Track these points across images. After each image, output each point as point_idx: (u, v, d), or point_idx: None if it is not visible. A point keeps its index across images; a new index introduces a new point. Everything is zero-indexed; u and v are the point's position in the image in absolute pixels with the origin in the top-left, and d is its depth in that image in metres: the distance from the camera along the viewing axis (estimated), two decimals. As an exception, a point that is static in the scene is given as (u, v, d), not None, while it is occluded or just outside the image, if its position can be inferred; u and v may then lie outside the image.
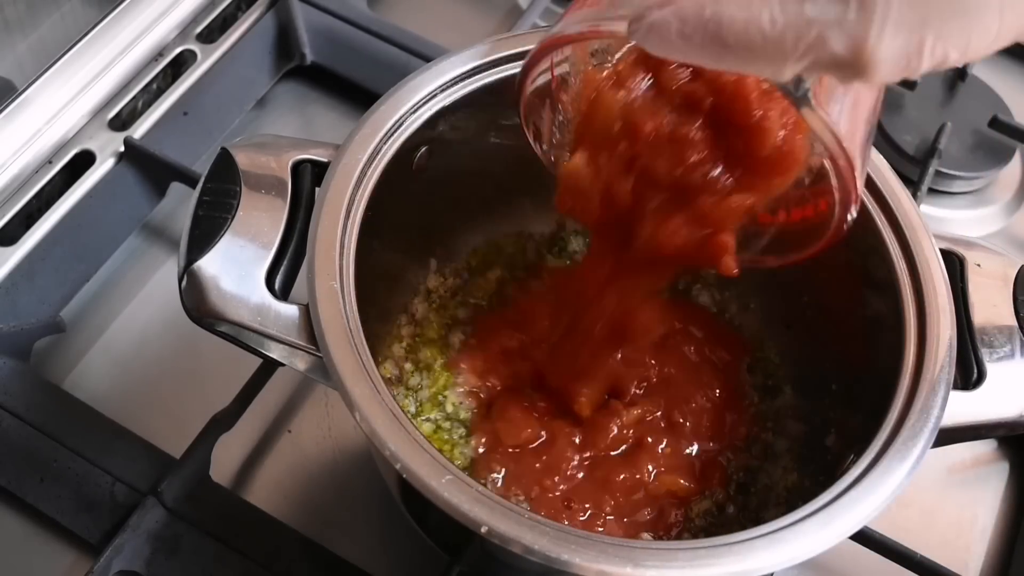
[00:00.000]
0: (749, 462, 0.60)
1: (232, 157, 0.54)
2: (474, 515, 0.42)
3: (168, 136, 0.76)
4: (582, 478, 0.57)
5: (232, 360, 0.61)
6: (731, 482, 0.59)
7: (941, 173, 0.80)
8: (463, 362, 0.62)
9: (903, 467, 0.46)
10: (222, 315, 0.49)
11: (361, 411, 0.45)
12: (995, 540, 0.67)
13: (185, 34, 0.82)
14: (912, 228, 0.53)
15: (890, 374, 0.50)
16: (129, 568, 0.58)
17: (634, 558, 0.42)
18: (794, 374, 0.63)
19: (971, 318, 0.53)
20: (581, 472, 0.58)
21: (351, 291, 0.49)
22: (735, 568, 0.43)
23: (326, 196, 0.52)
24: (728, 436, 0.61)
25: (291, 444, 0.66)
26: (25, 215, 0.72)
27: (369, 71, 0.81)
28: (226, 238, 0.51)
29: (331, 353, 0.47)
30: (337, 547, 0.60)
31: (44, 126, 0.74)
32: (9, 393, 0.64)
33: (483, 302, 0.66)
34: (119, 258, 0.74)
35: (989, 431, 0.51)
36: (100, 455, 0.61)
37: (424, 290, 0.66)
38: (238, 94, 0.81)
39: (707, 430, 0.60)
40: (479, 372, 0.62)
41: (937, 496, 0.68)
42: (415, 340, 0.64)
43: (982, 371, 0.52)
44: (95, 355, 0.70)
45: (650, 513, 0.57)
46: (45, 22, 0.83)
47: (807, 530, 0.44)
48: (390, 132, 0.54)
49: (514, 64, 0.57)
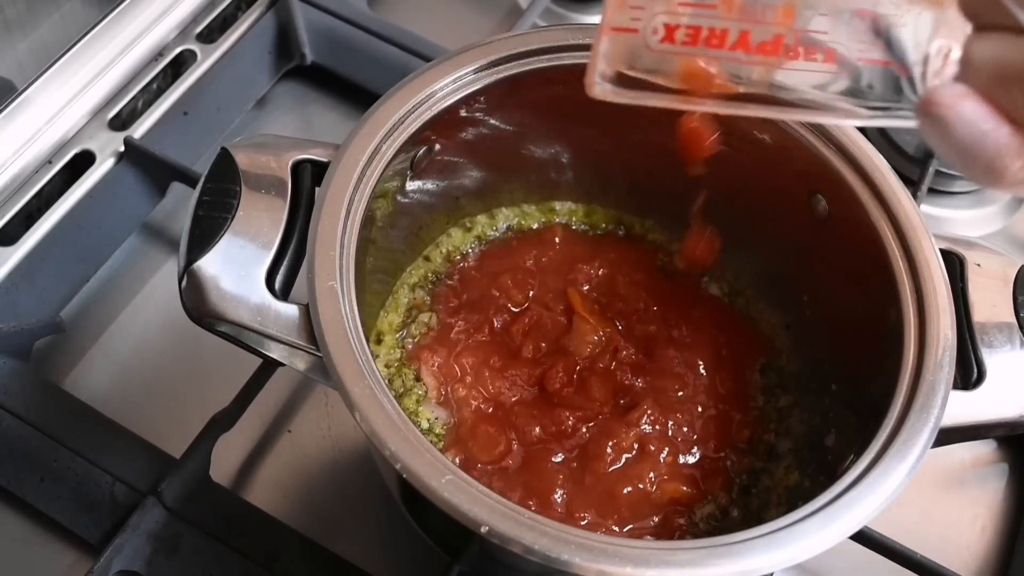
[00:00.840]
0: (752, 464, 0.60)
1: (232, 157, 0.54)
2: (474, 515, 0.42)
3: (168, 136, 0.76)
4: (582, 487, 0.57)
5: (232, 360, 0.61)
6: (734, 486, 0.59)
7: (941, 173, 0.80)
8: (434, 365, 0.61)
9: (903, 467, 0.46)
10: (222, 315, 0.49)
11: (361, 411, 0.45)
12: (995, 540, 0.67)
13: (185, 34, 0.81)
14: (912, 228, 0.53)
15: (890, 374, 0.50)
16: (129, 568, 0.58)
17: (634, 558, 0.42)
18: (795, 374, 0.63)
19: (971, 318, 0.53)
20: (575, 484, 0.57)
21: (351, 291, 0.49)
22: (735, 568, 0.43)
23: (326, 196, 0.51)
24: (733, 439, 0.60)
25: (291, 444, 0.66)
26: (25, 215, 0.72)
27: (369, 71, 0.81)
28: (226, 238, 0.51)
29: (331, 353, 0.47)
30: (337, 547, 0.60)
31: (44, 126, 0.74)
32: (9, 393, 0.64)
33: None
34: (119, 258, 0.74)
35: (989, 431, 0.52)
36: (100, 455, 0.61)
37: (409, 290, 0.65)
38: (238, 94, 0.81)
39: (712, 435, 0.60)
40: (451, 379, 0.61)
41: (937, 496, 0.68)
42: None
43: (982, 371, 0.52)
44: (95, 355, 0.70)
45: (654, 521, 0.57)
46: (45, 22, 0.83)
47: (807, 530, 0.44)
48: (390, 132, 0.54)
49: (514, 64, 0.57)
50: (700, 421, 0.60)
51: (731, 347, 0.63)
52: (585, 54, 0.58)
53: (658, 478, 0.57)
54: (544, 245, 0.67)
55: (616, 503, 0.56)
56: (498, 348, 0.61)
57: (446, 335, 0.62)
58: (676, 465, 0.58)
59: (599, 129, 0.63)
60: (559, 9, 0.90)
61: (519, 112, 0.61)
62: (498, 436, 0.58)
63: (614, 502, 0.56)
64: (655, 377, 0.61)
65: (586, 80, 0.44)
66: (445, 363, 0.61)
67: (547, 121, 0.63)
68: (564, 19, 0.90)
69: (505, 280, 0.64)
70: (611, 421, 0.59)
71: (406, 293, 0.64)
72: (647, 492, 0.57)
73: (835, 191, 0.57)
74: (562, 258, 0.66)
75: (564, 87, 0.60)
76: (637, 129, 0.62)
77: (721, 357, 0.62)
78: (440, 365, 0.61)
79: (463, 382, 0.60)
